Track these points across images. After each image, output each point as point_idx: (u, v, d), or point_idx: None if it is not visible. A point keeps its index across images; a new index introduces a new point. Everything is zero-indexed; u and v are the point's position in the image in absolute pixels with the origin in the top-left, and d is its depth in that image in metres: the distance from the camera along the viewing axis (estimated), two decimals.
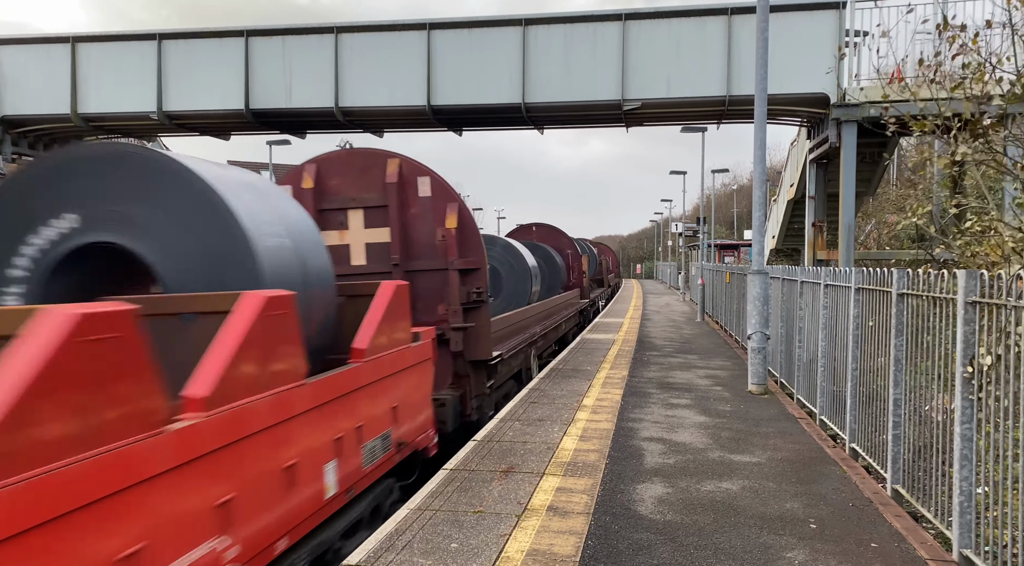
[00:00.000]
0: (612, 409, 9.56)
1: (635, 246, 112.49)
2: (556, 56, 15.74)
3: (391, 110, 16.60)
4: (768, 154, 11.57)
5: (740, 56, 15.02)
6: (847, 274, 7.69)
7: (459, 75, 16.04)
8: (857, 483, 6.46)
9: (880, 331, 6.62)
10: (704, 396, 10.61)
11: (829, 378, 8.57)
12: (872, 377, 6.90)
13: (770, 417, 9.22)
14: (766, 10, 10.65)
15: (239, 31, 16.58)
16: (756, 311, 10.80)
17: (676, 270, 55.02)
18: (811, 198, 16.91)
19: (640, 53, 15.48)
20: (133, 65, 16.88)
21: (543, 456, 7.26)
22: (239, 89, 16.52)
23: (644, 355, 15.12)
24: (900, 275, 6.13)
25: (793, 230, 24.90)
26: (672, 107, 16.36)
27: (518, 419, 8.93)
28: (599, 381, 11.76)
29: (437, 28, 16.05)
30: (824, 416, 8.69)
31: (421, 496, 6.06)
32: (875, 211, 21.56)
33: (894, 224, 14.19)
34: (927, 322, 5.57)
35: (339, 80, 16.26)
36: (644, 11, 15.57)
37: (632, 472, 6.76)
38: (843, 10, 14.40)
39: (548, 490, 6.20)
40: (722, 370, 13.18)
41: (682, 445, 7.78)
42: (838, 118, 14.28)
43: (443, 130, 18.15)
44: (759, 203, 11.14)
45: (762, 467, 6.96)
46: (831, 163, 16.32)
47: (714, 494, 6.15)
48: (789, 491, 6.24)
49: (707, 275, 25.15)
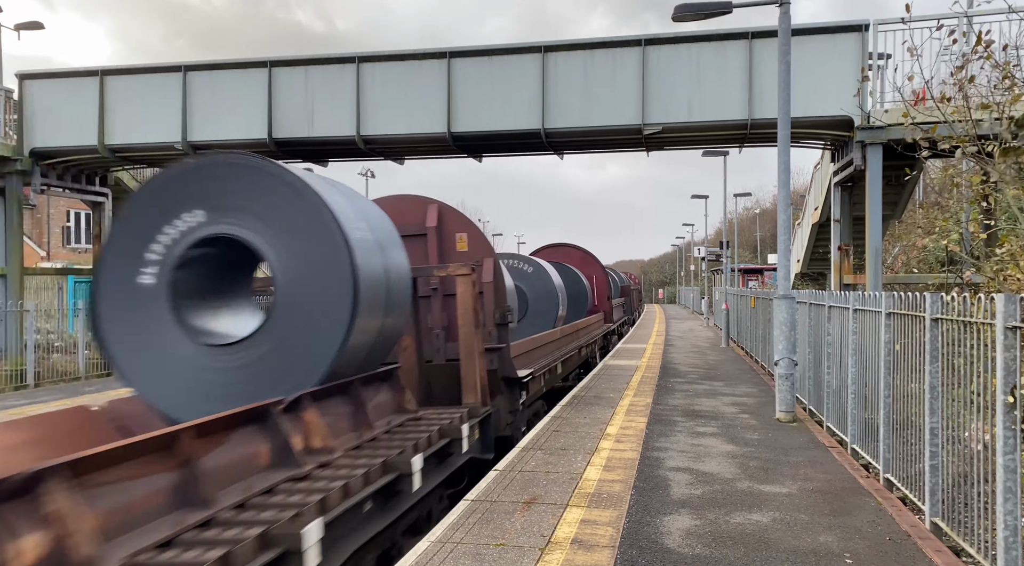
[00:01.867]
0: (637, 438, 9.37)
1: (657, 270, 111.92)
2: (575, 82, 15.77)
3: (412, 137, 16.70)
4: (792, 177, 11.44)
5: (762, 79, 14.94)
6: (877, 298, 7.50)
7: (479, 102, 16.11)
8: (893, 515, 6.22)
9: (913, 357, 6.42)
10: (731, 424, 10.37)
11: (860, 405, 8.33)
12: (906, 404, 6.68)
13: (800, 446, 8.98)
14: (788, 34, 10.59)
15: (263, 62, 16.83)
16: (783, 336, 10.58)
17: (699, 295, 54.57)
18: (836, 221, 16.67)
19: (660, 78, 15.46)
20: (158, 96, 17.18)
21: (566, 487, 7.09)
22: (262, 118, 16.73)
23: (668, 382, 14.89)
24: (934, 299, 5.94)
25: (818, 254, 24.59)
26: (693, 131, 16.29)
27: (540, 448, 8.77)
28: (623, 409, 11.56)
29: (457, 56, 16.18)
30: (856, 445, 8.44)
31: (442, 528, 5.92)
32: (902, 234, 21.24)
33: (922, 247, 13.92)
34: (963, 348, 5.38)
35: (360, 108, 16.41)
36: (664, 36, 15.58)
37: (658, 503, 6.57)
38: (866, 33, 14.30)
39: (572, 522, 6.03)
40: (749, 397, 12.92)
41: (709, 475, 7.57)
42: (863, 141, 14.11)
43: (463, 156, 18.21)
44: (784, 227, 10.97)
45: (793, 498, 6.74)
46: (856, 186, 16.11)
47: (744, 526, 5.95)
48: (822, 523, 6.02)
49: (731, 300, 24.86)
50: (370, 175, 41.76)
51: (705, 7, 11.27)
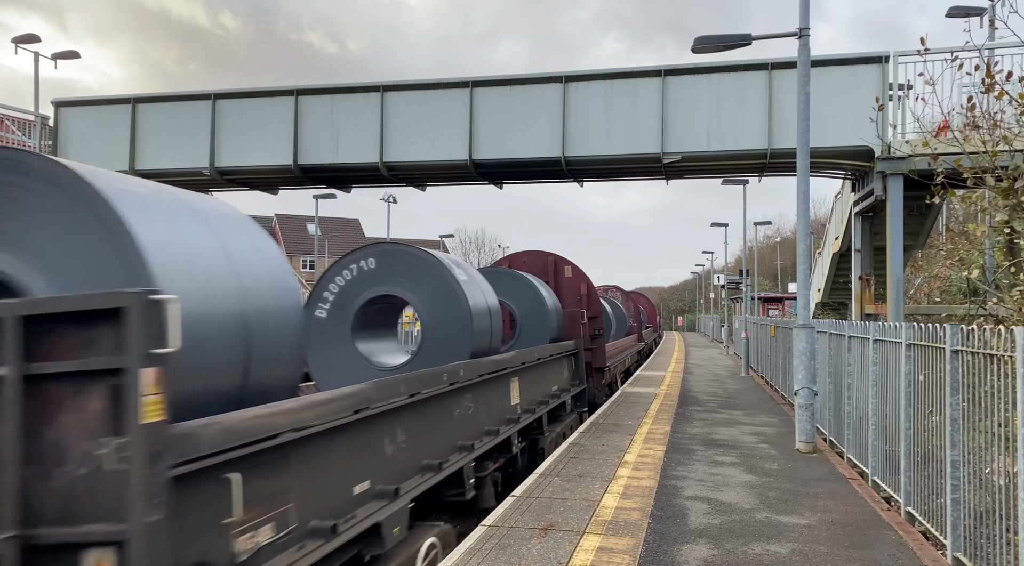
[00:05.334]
0: (655, 466, 9.34)
1: (676, 298, 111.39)
2: (596, 111, 15.95)
3: (434, 165, 16.93)
4: (812, 207, 11.45)
5: (781, 110, 15.02)
6: (897, 329, 7.48)
7: (500, 130, 16.33)
8: (915, 550, 6.15)
9: (934, 389, 6.39)
10: (750, 454, 10.30)
11: (881, 437, 8.26)
12: (927, 437, 6.63)
13: (819, 477, 8.90)
14: (807, 65, 10.69)
15: (289, 90, 17.21)
16: (803, 366, 10.53)
17: (719, 323, 54.20)
18: (857, 251, 16.60)
19: (680, 107, 15.59)
20: (188, 123, 17.60)
21: (583, 514, 7.09)
22: (288, 145, 17.06)
23: (687, 410, 14.81)
24: (954, 331, 5.93)
25: (839, 283, 24.41)
26: (713, 160, 16.37)
27: (558, 475, 8.77)
28: (640, 436, 11.52)
29: (479, 86, 16.44)
30: (877, 477, 8.35)
31: (459, 553, 5.95)
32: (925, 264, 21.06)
33: (945, 278, 13.80)
34: (984, 380, 5.36)
35: (384, 136, 16.70)
36: (684, 67, 15.73)
37: (676, 532, 6.55)
38: (886, 64, 14.36)
39: (589, 550, 6.03)
40: (768, 427, 12.82)
41: (728, 505, 7.53)
42: (883, 171, 14.09)
43: (484, 184, 18.41)
44: (804, 256, 10.98)
45: (812, 529, 6.69)
46: (877, 216, 16.06)
47: (762, 557, 5.91)
48: (842, 556, 5.97)
49: (751, 329, 24.71)
50: (392, 200, 42.21)
51: (725, 39, 11.42)
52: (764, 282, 64.77)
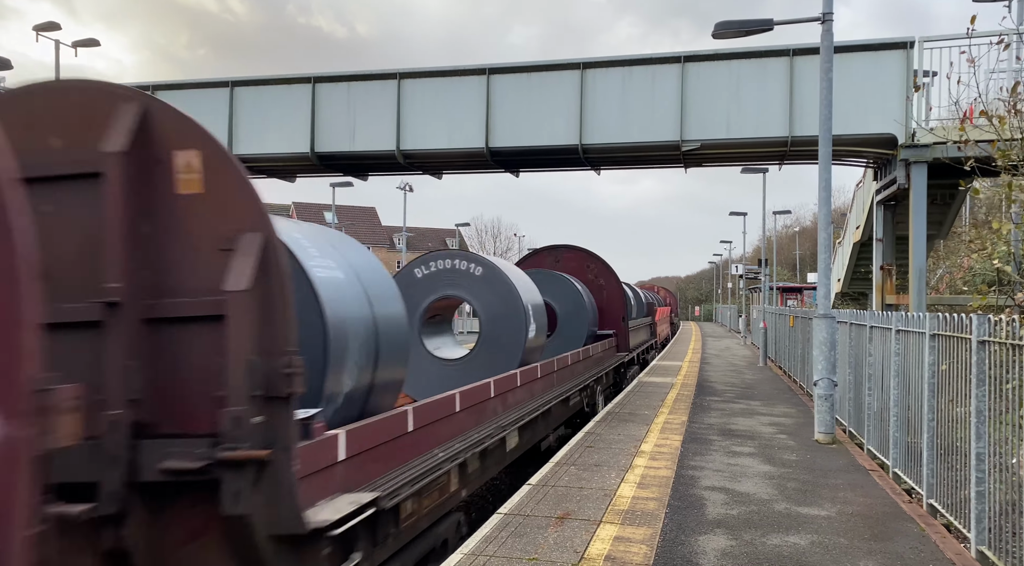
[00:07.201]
0: (671, 456, 9.28)
1: (693, 287, 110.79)
2: (614, 98, 15.79)
3: (450, 152, 16.87)
4: (833, 196, 11.29)
5: (802, 96, 14.80)
6: (921, 319, 7.35)
7: (517, 118, 16.22)
8: (937, 543, 6.06)
9: (959, 380, 6.27)
10: (768, 444, 10.21)
11: (902, 428, 8.14)
12: (951, 428, 6.52)
13: (839, 468, 8.80)
14: (830, 51, 10.49)
15: (307, 78, 17.19)
16: (823, 356, 10.41)
17: (736, 313, 53.85)
18: (879, 240, 16.37)
19: (699, 94, 15.40)
20: (205, 111, 17.60)
21: (600, 503, 7.05)
22: (305, 133, 17.06)
23: (704, 400, 14.72)
24: (980, 321, 5.81)
25: (859, 273, 24.13)
26: (732, 148, 16.18)
27: (574, 463, 8.74)
28: (657, 426, 11.46)
29: (496, 73, 16.33)
30: (898, 468, 8.24)
31: (475, 541, 5.93)
32: (948, 254, 20.74)
33: (968, 267, 13.58)
34: (1011, 371, 5.24)
35: (400, 123, 16.65)
36: (703, 53, 15.53)
37: (693, 522, 6.50)
38: (910, 50, 14.08)
39: (605, 538, 5.99)
40: (786, 417, 12.71)
41: (746, 495, 7.46)
42: (907, 159, 13.86)
43: (500, 171, 18.33)
44: (824, 246, 10.82)
45: (832, 521, 6.61)
46: (899, 205, 15.82)
47: (781, 549, 5.85)
48: (862, 548, 5.89)
49: (770, 319, 24.50)
50: (408, 189, 42.21)
51: (746, 24, 11.23)
52: (783, 272, 64.22)
